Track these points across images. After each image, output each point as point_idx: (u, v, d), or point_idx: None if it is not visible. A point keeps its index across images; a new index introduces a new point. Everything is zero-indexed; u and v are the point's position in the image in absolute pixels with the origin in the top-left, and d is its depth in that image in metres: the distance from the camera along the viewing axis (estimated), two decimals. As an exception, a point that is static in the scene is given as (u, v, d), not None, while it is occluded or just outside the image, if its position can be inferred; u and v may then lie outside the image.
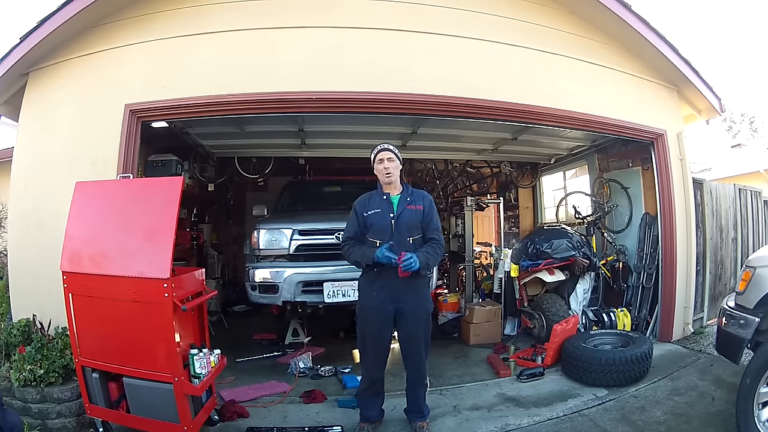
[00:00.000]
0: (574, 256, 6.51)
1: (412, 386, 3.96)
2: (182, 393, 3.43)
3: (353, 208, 3.95)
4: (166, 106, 4.87)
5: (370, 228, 3.82)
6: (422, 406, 4.00)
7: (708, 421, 3.95)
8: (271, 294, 5.65)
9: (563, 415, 4.28)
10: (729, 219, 7.60)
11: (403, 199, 3.83)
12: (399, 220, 3.75)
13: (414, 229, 3.78)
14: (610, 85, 6.07)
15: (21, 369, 3.84)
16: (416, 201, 3.83)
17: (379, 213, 3.80)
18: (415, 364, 3.86)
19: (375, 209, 3.82)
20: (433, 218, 3.86)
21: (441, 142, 7.67)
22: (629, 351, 4.91)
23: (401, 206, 3.79)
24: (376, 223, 3.79)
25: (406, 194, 3.86)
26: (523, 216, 10.97)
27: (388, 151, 3.82)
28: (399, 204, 3.81)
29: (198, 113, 5.01)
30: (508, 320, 7.25)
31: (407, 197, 3.83)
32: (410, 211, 3.78)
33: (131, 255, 3.47)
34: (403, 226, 3.75)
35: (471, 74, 5.30)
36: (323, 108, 5.11)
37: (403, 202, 3.81)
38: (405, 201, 3.81)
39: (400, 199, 3.84)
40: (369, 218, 3.82)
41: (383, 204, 3.82)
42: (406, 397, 4.04)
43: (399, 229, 3.74)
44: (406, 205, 3.79)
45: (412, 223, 3.78)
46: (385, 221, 3.77)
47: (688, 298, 6.47)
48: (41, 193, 4.76)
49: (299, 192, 8.19)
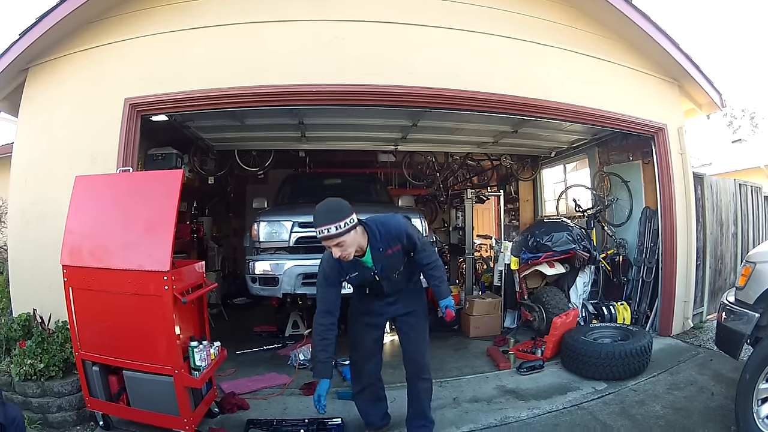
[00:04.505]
0: (574, 249, 6.50)
1: (413, 383, 3.69)
2: (182, 385, 3.44)
3: (323, 278, 3.42)
4: (166, 99, 4.84)
5: (353, 282, 3.51)
6: (426, 411, 3.74)
7: (707, 415, 3.94)
8: (271, 286, 5.64)
9: (563, 408, 4.28)
10: (729, 214, 7.59)
11: (376, 252, 3.33)
12: (382, 271, 3.41)
13: (398, 266, 3.46)
14: (611, 78, 6.03)
15: (21, 363, 3.84)
16: (390, 244, 3.34)
17: (359, 275, 3.41)
18: (416, 357, 3.66)
19: (352, 273, 3.40)
20: (416, 243, 3.44)
21: (441, 134, 7.65)
22: (629, 345, 4.91)
23: (377, 260, 3.35)
24: (358, 280, 3.46)
25: (375, 246, 3.32)
26: (524, 209, 10.94)
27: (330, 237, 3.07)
28: (374, 260, 3.35)
29: (197, 106, 4.98)
30: (507, 313, 7.26)
31: (378, 248, 3.32)
32: (389, 257, 3.36)
33: (131, 248, 3.47)
34: (387, 271, 3.43)
35: (469, 66, 5.26)
36: (322, 101, 5.09)
37: (377, 255, 3.33)
38: (378, 253, 3.33)
39: (372, 255, 3.34)
40: (349, 280, 3.46)
41: (358, 266, 3.36)
42: (408, 401, 3.77)
43: (384, 277, 3.45)
44: (383, 255, 3.34)
45: (396, 264, 3.44)
46: (367, 277, 3.44)
47: (688, 293, 6.47)
48: (41, 188, 4.76)
49: (299, 184, 8.16)
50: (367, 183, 8.52)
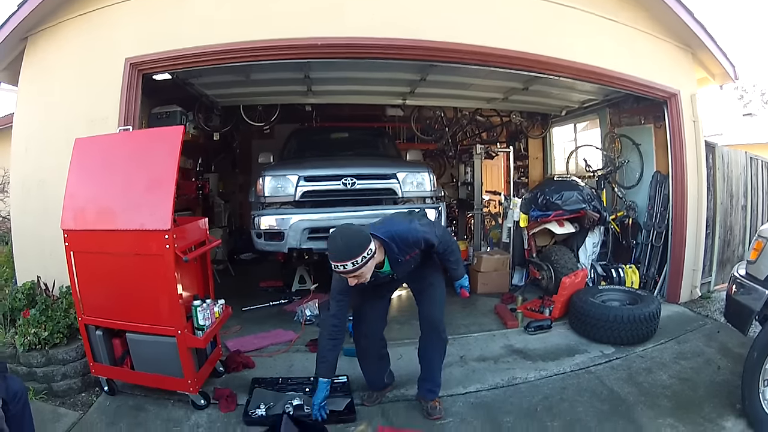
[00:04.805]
0: (584, 208, 6.39)
1: (427, 344, 3.61)
2: (185, 346, 3.41)
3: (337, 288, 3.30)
4: (167, 57, 4.70)
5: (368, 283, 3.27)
6: (435, 374, 3.64)
7: (713, 390, 3.89)
8: (276, 241, 5.58)
9: (570, 371, 4.28)
10: (740, 186, 7.46)
11: (394, 262, 3.22)
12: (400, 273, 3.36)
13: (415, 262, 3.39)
14: (626, 41, 5.86)
15: (25, 333, 3.78)
16: (408, 251, 3.23)
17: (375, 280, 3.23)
18: (431, 318, 3.54)
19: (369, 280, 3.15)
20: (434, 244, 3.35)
21: (450, 89, 7.46)
22: (638, 309, 4.85)
23: (396, 267, 3.26)
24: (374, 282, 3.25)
25: (394, 258, 3.20)
26: (533, 166, 10.82)
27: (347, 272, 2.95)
28: (392, 267, 3.26)
29: (200, 62, 4.84)
30: (516, 270, 7.22)
31: (397, 258, 3.20)
32: (407, 261, 3.28)
33: (131, 208, 3.39)
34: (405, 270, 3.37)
35: (480, 22, 5.06)
36: (328, 54, 4.95)
37: (396, 264, 3.23)
38: (397, 262, 3.22)
39: (390, 264, 3.23)
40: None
41: (374, 274, 3.17)
42: (420, 360, 3.70)
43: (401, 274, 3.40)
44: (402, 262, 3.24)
45: (413, 262, 3.36)
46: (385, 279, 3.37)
47: (697, 261, 6.41)
48: (41, 155, 4.68)
49: (306, 139, 8.05)
50: (374, 137, 8.39)
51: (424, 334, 3.63)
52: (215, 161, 9.82)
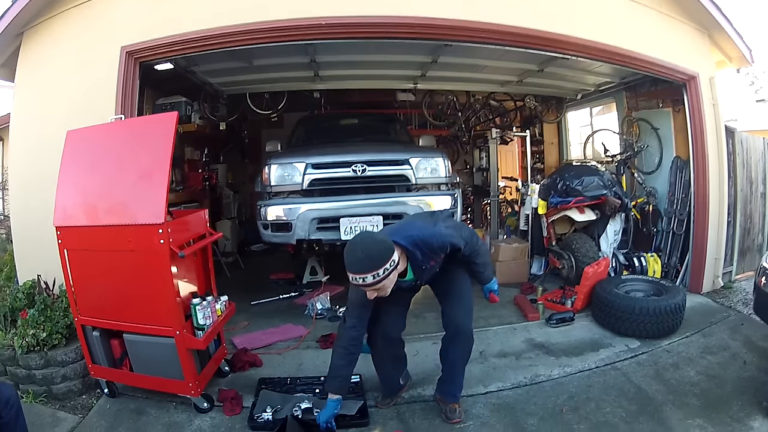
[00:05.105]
0: (605, 195, 6.14)
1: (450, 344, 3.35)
2: (185, 347, 3.23)
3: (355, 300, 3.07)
4: (165, 43, 4.51)
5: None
6: (458, 376, 3.41)
7: (740, 387, 3.70)
8: (284, 232, 5.37)
9: (595, 368, 4.08)
10: (759, 172, 7.20)
11: (418, 269, 3.03)
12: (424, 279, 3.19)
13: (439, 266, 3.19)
14: (643, 21, 5.61)
15: (24, 334, 3.66)
16: (432, 257, 3.02)
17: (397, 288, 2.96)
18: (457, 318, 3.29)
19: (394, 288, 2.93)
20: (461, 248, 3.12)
21: (463, 72, 7.24)
22: (663, 301, 4.62)
23: (419, 273, 3.07)
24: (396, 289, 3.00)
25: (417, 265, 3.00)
26: (548, 152, 10.63)
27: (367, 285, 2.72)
28: (416, 274, 3.08)
29: (199, 48, 4.63)
30: (534, 259, 7.00)
31: (421, 266, 3.01)
32: (432, 267, 3.09)
33: (124, 202, 3.22)
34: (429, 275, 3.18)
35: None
36: (334, 35, 4.70)
37: (419, 270, 3.04)
38: (420, 269, 3.03)
39: (413, 271, 3.05)
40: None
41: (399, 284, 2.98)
42: (441, 360, 3.46)
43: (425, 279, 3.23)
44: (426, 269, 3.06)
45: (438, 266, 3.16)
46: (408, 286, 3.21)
47: (719, 250, 6.18)
48: (39, 151, 4.55)
49: (314, 126, 7.84)
50: (385, 123, 8.18)
51: (448, 335, 3.37)
52: (223, 152, 9.72)
